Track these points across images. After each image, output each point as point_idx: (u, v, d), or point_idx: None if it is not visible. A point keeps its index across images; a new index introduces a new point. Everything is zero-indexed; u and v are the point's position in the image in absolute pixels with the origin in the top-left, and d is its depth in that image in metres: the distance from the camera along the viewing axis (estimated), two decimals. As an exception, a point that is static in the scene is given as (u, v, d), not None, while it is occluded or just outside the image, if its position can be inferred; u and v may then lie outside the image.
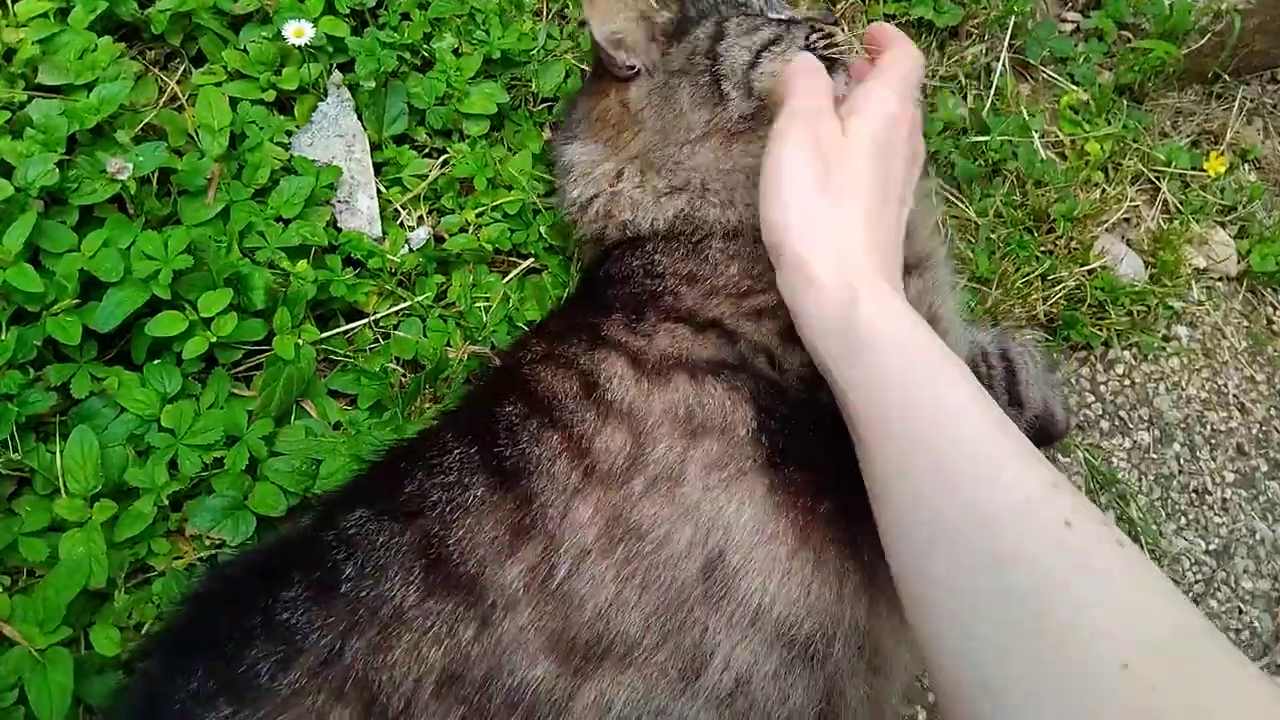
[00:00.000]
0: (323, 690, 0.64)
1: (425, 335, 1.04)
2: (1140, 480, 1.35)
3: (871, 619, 0.76)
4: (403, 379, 1.02)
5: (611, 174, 0.97)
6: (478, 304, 1.07)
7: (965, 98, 1.48)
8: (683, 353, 0.81)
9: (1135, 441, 1.38)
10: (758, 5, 1.00)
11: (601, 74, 1.00)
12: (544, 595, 0.68)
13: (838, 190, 0.71)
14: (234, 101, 1.06)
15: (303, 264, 0.98)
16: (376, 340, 1.04)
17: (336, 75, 1.13)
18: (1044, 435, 1.10)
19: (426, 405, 1.01)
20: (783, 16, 0.98)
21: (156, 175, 0.98)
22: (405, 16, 1.18)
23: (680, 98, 0.93)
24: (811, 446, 0.77)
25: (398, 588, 0.68)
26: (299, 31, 1.04)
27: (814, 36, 0.92)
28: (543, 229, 1.12)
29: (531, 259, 1.14)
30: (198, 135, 1.03)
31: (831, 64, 0.88)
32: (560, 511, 0.71)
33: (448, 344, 1.04)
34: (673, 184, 0.94)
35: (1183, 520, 1.35)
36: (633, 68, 0.96)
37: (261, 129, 1.06)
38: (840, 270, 0.68)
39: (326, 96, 1.12)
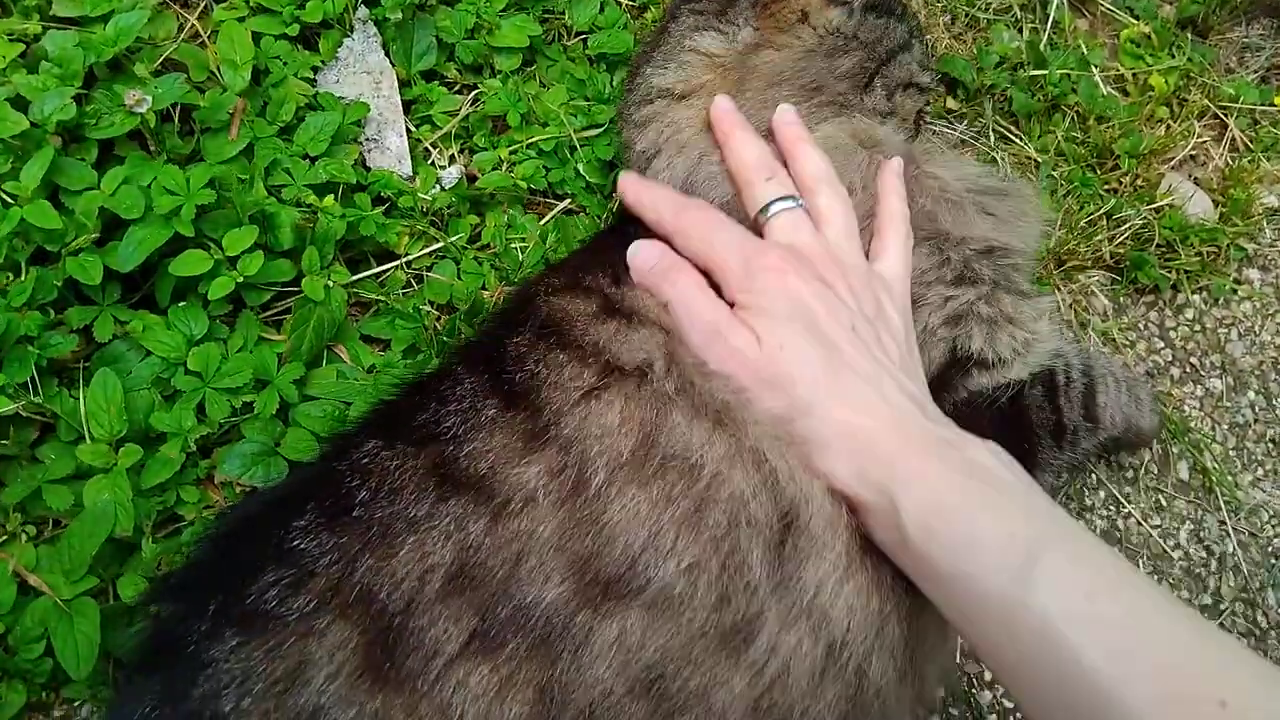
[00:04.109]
0: (331, 612, 0.60)
1: (459, 277, 0.99)
2: (1214, 429, 1.28)
3: (913, 638, 0.71)
4: (437, 322, 0.97)
5: (706, 81, 0.92)
6: (513, 245, 1.02)
7: (1021, 31, 1.40)
8: None
9: (1208, 389, 1.30)
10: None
11: None
12: (572, 506, 0.64)
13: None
14: (257, 37, 1.01)
15: (330, 199, 0.93)
16: (409, 283, 1.00)
17: (362, 10, 1.08)
18: (1130, 446, 1.14)
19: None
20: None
21: (178, 112, 0.94)
22: (432, -54, 1.12)
23: (844, 59, 0.93)
24: None
25: (411, 505, 0.64)
26: (322, -41, 0.98)
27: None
28: (580, 166, 1.07)
29: (569, 199, 1.08)
30: (219, 71, 0.99)
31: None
32: (579, 416, 0.67)
33: (483, 286, 0.99)
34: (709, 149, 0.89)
35: (1260, 471, 1.27)
36: None
37: (285, 64, 1.01)
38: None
39: (352, 32, 1.07)
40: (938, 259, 0.87)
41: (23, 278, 0.84)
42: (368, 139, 1.03)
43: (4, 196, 0.85)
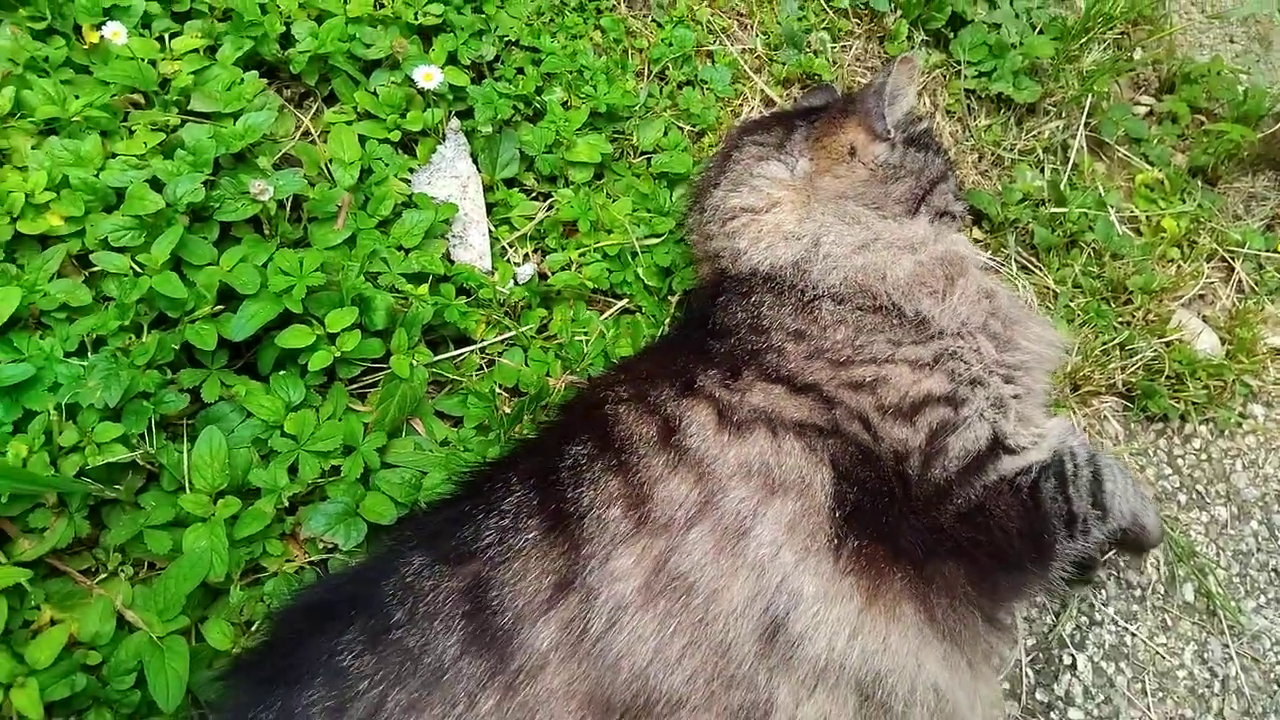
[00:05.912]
0: None
1: (527, 364, 1.09)
2: (1219, 555, 1.34)
3: (949, 676, 0.78)
4: (506, 404, 1.06)
5: (780, 198, 1.04)
6: (577, 337, 1.12)
7: (1043, 171, 1.53)
8: (772, 409, 0.84)
9: (1213, 516, 1.37)
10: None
11: (846, 114, 1.09)
12: (576, 655, 0.68)
13: None
14: (362, 139, 1.14)
15: (423, 288, 1.03)
16: (482, 367, 1.09)
17: (455, 121, 1.21)
18: (1137, 546, 1.15)
19: (528, 432, 1.04)
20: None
21: (290, 201, 1.05)
22: (520, 70, 1.26)
23: (896, 186, 1.08)
24: (888, 512, 0.81)
25: (439, 637, 0.69)
26: (429, 76, 1.11)
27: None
28: (640, 270, 1.17)
29: (628, 299, 1.18)
30: (329, 168, 1.10)
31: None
32: (602, 561, 0.72)
33: (548, 373, 1.08)
34: (820, 233, 1.00)
35: (1262, 599, 1.33)
36: (890, 134, 1.07)
37: (387, 165, 1.13)
38: None
39: (445, 140, 1.19)
40: (1000, 356, 0.97)
41: (144, 340, 0.94)
42: (454, 235, 1.14)
43: (134, 266, 0.96)
